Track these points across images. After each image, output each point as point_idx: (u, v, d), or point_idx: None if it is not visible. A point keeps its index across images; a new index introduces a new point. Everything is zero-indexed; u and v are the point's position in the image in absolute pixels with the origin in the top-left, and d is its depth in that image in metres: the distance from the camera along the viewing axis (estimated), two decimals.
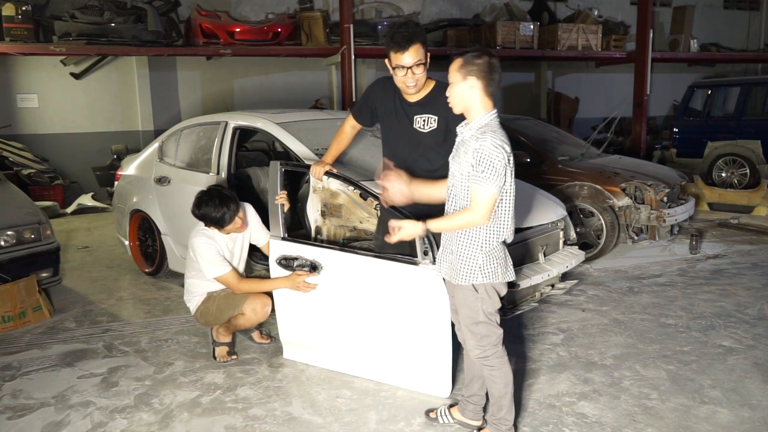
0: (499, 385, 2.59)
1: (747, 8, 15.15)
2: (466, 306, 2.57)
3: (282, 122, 4.46)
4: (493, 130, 2.40)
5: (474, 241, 2.48)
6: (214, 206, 3.40)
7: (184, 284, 3.69)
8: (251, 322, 3.54)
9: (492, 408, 2.66)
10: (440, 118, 3.01)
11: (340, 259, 3.22)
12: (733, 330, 3.94)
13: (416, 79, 2.95)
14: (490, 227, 2.47)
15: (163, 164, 5.17)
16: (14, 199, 4.88)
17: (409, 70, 2.91)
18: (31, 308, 4.31)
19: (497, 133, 2.40)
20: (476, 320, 2.56)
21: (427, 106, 3.04)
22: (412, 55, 2.89)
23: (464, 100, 2.46)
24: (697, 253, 5.89)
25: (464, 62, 2.42)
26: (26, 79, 9.73)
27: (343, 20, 9.43)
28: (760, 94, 9.82)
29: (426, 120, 3.04)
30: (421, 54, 2.90)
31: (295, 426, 2.89)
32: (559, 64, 13.12)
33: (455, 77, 2.44)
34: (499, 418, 2.63)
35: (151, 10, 9.06)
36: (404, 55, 2.89)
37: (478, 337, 2.57)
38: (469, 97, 2.44)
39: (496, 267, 2.50)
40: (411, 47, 2.87)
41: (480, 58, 2.40)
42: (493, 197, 2.38)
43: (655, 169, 6.49)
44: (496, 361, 2.57)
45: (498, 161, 2.34)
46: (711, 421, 2.85)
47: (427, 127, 3.04)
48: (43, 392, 3.27)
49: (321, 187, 3.87)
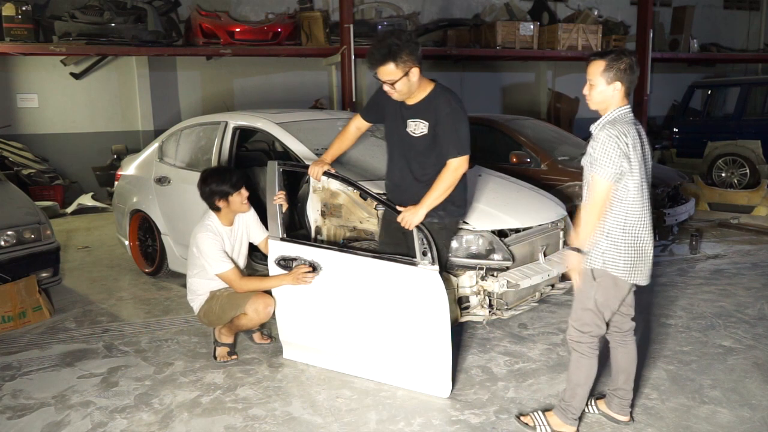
0: (582, 374, 2.64)
1: (747, 8, 15.15)
2: (580, 290, 2.61)
3: (282, 122, 4.46)
4: (614, 123, 2.47)
5: (601, 226, 2.51)
6: (220, 175, 3.48)
7: (187, 283, 3.69)
8: (254, 322, 3.54)
9: (566, 393, 2.70)
10: (430, 124, 3.06)
11: (338, 260, 3.22)
12: (733, 330, 3.94)
13: (397, 91, 3.01)
14: (615, 215, 2.49)
15: (163, 164, 5.18)
16: (14, 199, 4.88)
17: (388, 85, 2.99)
18: (31, 308, 4.31)
19: (618, 125, 2.46)
20: (585, 306, 2.59)
21: (421, 111, 3.09)
22: (383, 75, 2.96)
23: (605, 101, 2.53)
24: (697, 253, 5.89)
25: (608, 66, 2.48)
26: (26, 79, 9.73)
27: (343, 20, 9.43)
28: (760, 94, 9.83)
29: (417, 125, 3.10)
30: (394, 74, 2.93)
31: (295, 426, 2.89)
32: (559, 64, 13.12)
33: (599, 81, 2.51)
34: (570, 405, 2.68)
35: (151, 10, 9.06)
36: (377, 74, 2.98)
37: (581, 323, 2.61)
38: (611, 98, 2.52)
39: (617, 259, 2.51)
40: (381, 68, 2.94)
41: (623, 62, 2.47)
42: (607, 183, 2.43)
43: (655, 169, 6.48)
44: (587, 350, 2.63)
45: (612, 150, 2.39)
46: (711, 421, 2.85)
47: (418, 132, 3.10)
48: (43, 392, 3.27)
49: (321, 187, 3.87)
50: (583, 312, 2.61)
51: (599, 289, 2.56)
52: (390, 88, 3.00)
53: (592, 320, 2.60)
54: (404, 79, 2.95)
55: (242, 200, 3.56)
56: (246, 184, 3.62)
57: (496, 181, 4.39)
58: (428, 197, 3.03)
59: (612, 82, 2.49)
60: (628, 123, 2.49)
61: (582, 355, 2.63)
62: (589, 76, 2.54)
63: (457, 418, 2.92)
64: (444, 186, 3.03)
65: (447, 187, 3.04)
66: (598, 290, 2.56)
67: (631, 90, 2.54)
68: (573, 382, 2.67)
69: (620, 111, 2.52)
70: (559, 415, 2.72)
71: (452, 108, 3.03)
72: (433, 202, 3.04)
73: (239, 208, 3.57)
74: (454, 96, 3.10)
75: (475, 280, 3.57)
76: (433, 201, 3.03)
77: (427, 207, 3.03)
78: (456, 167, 3.03)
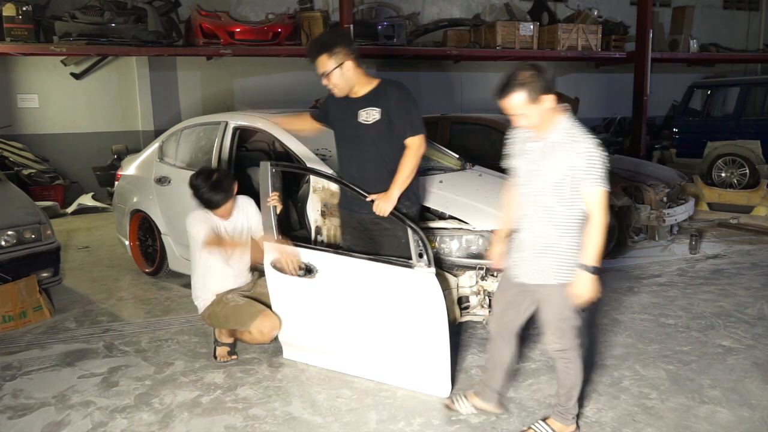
0: (572, 377, 2.64)
1: (747, 8, 15.14)
2: (555, 303, 2.57)
3: None
4: (582, 131, 2.45)
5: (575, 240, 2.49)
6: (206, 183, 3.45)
7: (191, 283, 3.68)
8: (256, 342, 3.54)
9: (562, 398, 2.70)
10: (382, 110, 3.15)
11: (334, 262, 3.21)
12: (732, 330, 3.94)
13: (333, 84, 3.15)
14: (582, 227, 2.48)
15: (164, 164, 5.18)
16: (15, 199, 4.88)
17: (324, 77, 3.13)
18: (32, 308, 4.32)
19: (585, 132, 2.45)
20: (564, 316, 2.58)
21: (371, 100, 3.18)
22: (319, 67, 3.12)
23: (545, 114, 2.46)
24: (696, 253, 5.89)
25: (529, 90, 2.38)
26: (26, 79, 9.73)
27: (343, 20, 9.43)
28: (760, 94, 9.83)
29: (368, 113, 3.17)
30: (327, 65, 3.09)
31: (295, 426, 2.90)
32: (559, 64, 13.12)
33: (528, 109, 2.42)
34: (568, 409, 2.69)
35: (151, 10, 9.06)
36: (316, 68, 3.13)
37: (562, 332, 2.60)
38: (550, 110, 2.46)
39: None
40: (316, 60, 3.11)
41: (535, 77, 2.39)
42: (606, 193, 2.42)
43: (655, 169, 6.50)
44: (573, 354, 2.62)
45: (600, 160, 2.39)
46: (711, 421, 2.86)
47: (371, 119, 3.16)
48: (43, 392, 3.28)
49: (321, 187, 3.88)
50: (563, 322, 2.58)
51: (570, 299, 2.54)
52: (327, 81, 3.13)
53: (572, 325, 2.59)
54: (337, 70, 3.09)
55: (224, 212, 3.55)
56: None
57: (496, 182, 4.39)
58: (397, 180, 3.08)
59: (540, 99, 2.41)
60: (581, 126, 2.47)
61: (569, 361, 2.62)
62: (514, 111, 2.44)
63: (457, 418, 2.93)
64: (410, 166, 3.10)
65: (413, 167, 3.11)
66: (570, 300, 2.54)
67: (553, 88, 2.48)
68: (567, 387, 2.67)
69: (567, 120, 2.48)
70: (560, 419, 2.72)
71: (402, 92, 3.17)
72: (403, 184, 3.09)
73: (224, 215, 3.57)
74: (402, 85, 3.22)
75: (475, 280, 3.57)
76: (403, 183, 3.09)
77: (399, 189, 3.08)
78: (417, 146, 3.11)
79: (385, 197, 3.07)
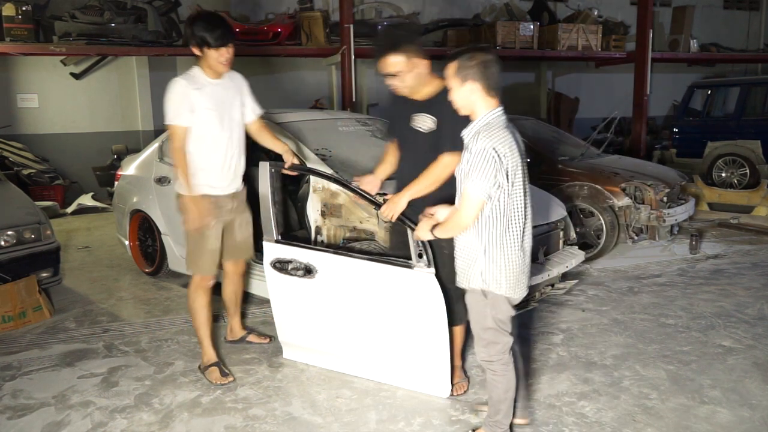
0: (500, 390, 2.58)
1: (747, 8, 15.15)
2: (474, 310, 2.56)
3: (282, 122, 4.46)
4: (489, 131, 2.37)
5: (475, 244, 2.45)
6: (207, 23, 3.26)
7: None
8: None
9: (490, 410, 2.66)
10: (438, 120, 2.96)
11: (334, 263, 3.21)
12: (732, 330, 3.94)
13: (402, 85, 2.92)
14: (495, 232, 2.41)
15: (164, 164, 5.17)
16: (14, 199, 4.88)
17: (393, 77, 2.90)
18: (32, 308, 4.31)
19: (493, 132, 2.36)
20: (485, 326, 2.53)
21: (428, 107, 2.98)
22: (389, 67, 2.87)
23: (469, 104, 2.45)
24: (696, 253, 5.89)
25: (459, 66, 2.40)
26: (26, 79, 9.73)
27: (343, 20, 9.42)
28: (760, 94, 9.84)
29: (424, 120, 2.99)
30: (399, 65, 2.85)
31: (295, 426, 2.89)
32: (559, 64, 13.13)
33: (454, 83, 2.44)
34: (496, 421, 2.63)
35: (151, 10, 9.06)
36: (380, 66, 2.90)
37: (485, 342, 2.55)
38: (472, 99, 2.43)
39: (499, 276, 2.44)
40: (384, 59, 2.87)
41: (473, 59, 2.38)
42: (480, 200, 2.34)
43: (655, 169, 6.49)
44: (500, 368, 2.55)
45: (486, 163, 2.30)
46: (711, 421, 2.86)
47: (426, 128, 2.98)
48: (43, 392, 3.27)
49: (321, 187, 3.88)
50: (484, 332, 2.53)
51: (494, 307, 2.49)
52: (397, 81, 2.91)
53: (495, 337, 2.52)
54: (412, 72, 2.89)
55: (219, 58, 3.28)
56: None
57: None
58: (411, 187, 2.92)
59: (464, 83, 2.39)
60: (502, 128, 2.39)
61: (495, 373, 2.55)
62: (446, 80, 2.46)
63: (457, 418, 2.93)
64: (430, 179, 2.89)
65: (433, 180, 2.89)
66: (494, 308, 2.49)
67: (495, 87, 2.42)
68: (494, 399, 2.60)
69: (491, 115, 2.41)
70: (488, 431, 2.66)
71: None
72: (416, 192, 2.91)
73: (214, 65, 3.31)
74: None
75: None
76: (416, 192, 2.91)
77: (409, 196, 2.91)
78: (447, 163, 2.86)
79: (395, 201, 2.92)
